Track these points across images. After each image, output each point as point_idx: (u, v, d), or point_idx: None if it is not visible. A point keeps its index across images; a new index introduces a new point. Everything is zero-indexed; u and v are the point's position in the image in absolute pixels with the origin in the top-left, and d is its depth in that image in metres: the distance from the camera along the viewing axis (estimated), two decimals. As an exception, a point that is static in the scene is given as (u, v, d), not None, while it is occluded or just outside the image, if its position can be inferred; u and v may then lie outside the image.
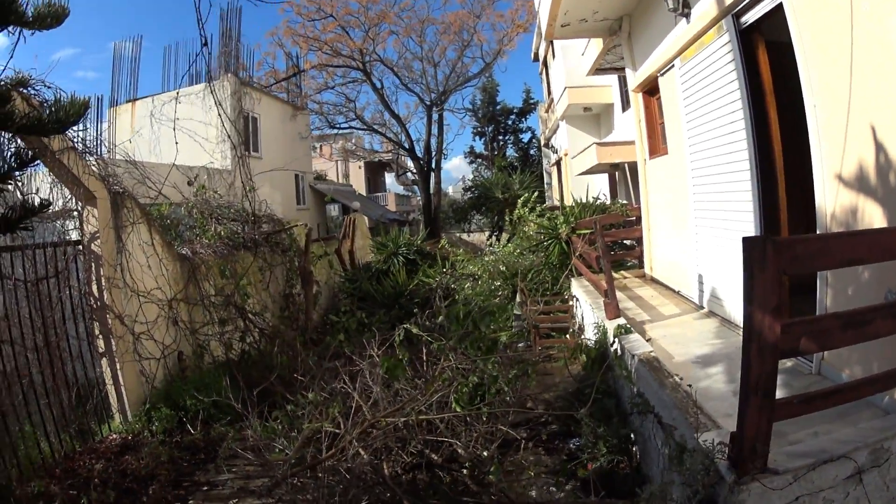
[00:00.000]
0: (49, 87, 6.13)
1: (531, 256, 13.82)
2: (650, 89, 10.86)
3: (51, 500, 6.08)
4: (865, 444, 3.65)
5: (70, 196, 8.19)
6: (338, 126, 39.39)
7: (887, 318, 3.63)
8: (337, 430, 6.20)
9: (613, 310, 8.20)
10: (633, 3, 10.55)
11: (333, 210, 40.73)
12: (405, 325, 7.84)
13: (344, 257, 19.65)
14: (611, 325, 7.86)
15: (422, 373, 7.20)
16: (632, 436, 6.27)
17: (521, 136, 53.24)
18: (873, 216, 4.54)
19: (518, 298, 12.61)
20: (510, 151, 52.84)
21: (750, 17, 6.57)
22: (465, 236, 39.33)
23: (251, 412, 6.84)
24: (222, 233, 12.02)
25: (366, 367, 6.91)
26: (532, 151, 49.94)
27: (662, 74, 9.64)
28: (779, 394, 5.05)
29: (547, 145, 32.58)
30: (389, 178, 63.63)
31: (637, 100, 11.51)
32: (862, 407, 4.39)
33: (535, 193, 16.88)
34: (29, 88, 5.49)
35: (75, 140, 7.74)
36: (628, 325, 7.59)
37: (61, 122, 4.19)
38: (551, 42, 25.35)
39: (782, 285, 5.75)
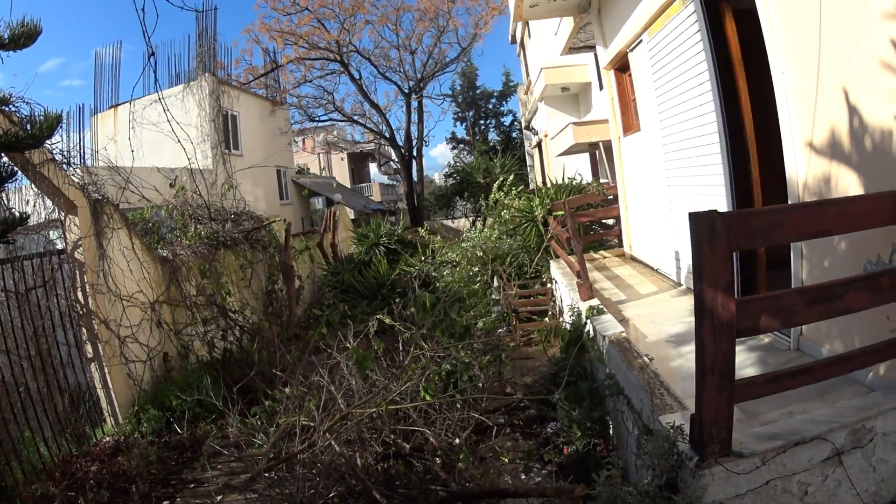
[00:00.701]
0: (27, 103, 6.14)
1: (508, 240, 13.65)
2: (621, 66, 10.68)
3: (51, 501, 6.34)
4: (843, 425, 3.48)
5: (53, 206, 8.33)
6: (317, 119, 39.06)
7: (861, 291, 3.43)
8: (312, 423, 6.17)
9: (586, 291, 8.04)
10: (602, -22, 10.37)
11: (318, 203, 40.40)
12: (378, 316, 7.69)
13: (326, 250, 19.62)
14: (584, 307, 7.71)
15: (398, 362, 7.10)
16: (608, 418, 6.16)
17: (502, 120, 53.40)
18: (848, 184, 4.35)
19: (496, 283, 12.47)
20: (492, 135, 52.98)
21: (714, -16, 6.40)
22: (449, 222, 39.23)
23: (232, 409, 6.98)
24: (202, 233, 12.02)
25: (342, 360, 6.88)
26: (514, 134, 49.86)
27: (632, 50, 9.47)
28: (753, 371, 4.95)
29: (528, 127, 32.45)
30: (374, 168, 63.26)
31: (609, 77, 11.35)
32: (843, 384, 4.22)
33: (511, 176, 16.61)
34: (10, 106, 5.74)
35: (54, 151, 7.85)
36: (601, 306, 7.44)
37: (36, 138, 4.23)
38: (527, 23, 25.14)
39: (757, 262, 5.60)
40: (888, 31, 3.74)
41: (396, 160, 41.79)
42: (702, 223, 3.01)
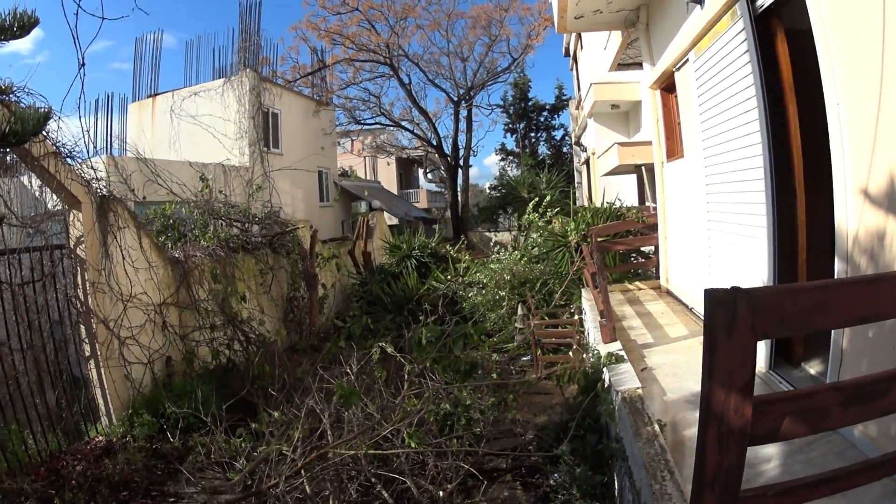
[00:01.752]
0: (30, 94, 6.57)
1: (539, 266, 13.05)
2: (667, 86, 9.99)
3: (27, 497, 6.28)
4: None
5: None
6: (363, 122, 38.79)
7: (910, 386, 2.70)
8: (292, 455, 5.99)
9: (608, 333, 7.37)
10: (652, -9, 9.66)
11: (361, 206, 40.12)
12: (381, 344, 7.26)
13: (358, 259, 19.15)
14: (604, 351, 7.03)
15: (398, 393, 6.85)
16: (615, 481, 5.51)
17: (553, 134, 53.07)
18: (905, 247, 3.63)
19: (520, 311, 11.86)
20: (542, 149, 52.85)
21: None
22: (492, 235, 38.64)
23: (219, 426, 6.90)
24: (221, 235, 11.74)
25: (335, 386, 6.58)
26: (565, 149, 49.50)
27: (678, 69, 8.79)
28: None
29: (577, 143, 31.84)
30: (422, 175, 62.96)
31: (654, 97, 10.67)
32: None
33: (548, 197, 15.89)
34: (10, 96, 6.05)
35: (58, 144, 7.78)
36: (621, 353, 6.78)
37: (17, 135, 3.94)
38: (580, 36, 24.50)
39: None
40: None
41: (443, 168, 41.41)
42: (719, 305, 2.26)
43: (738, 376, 2.27)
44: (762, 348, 5.95)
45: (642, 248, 12.78)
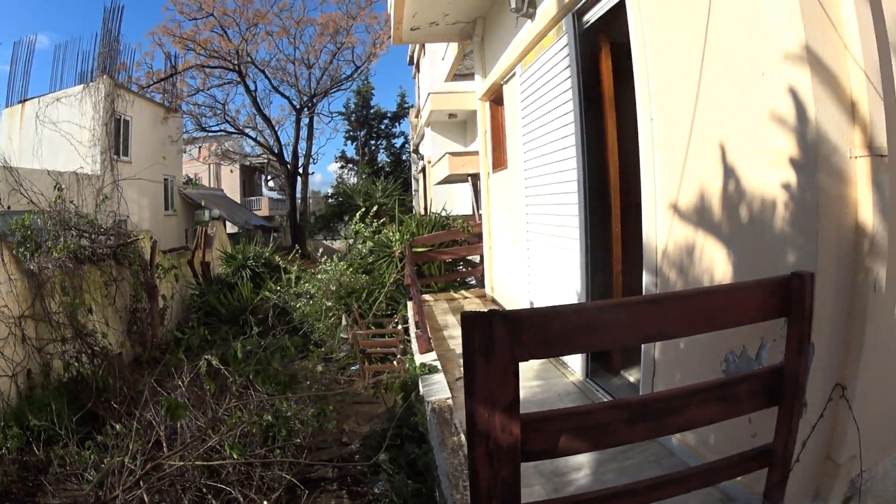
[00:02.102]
0: None
1: (365, 276, 13.01)
2: (496, 98, 10.15)
3: None
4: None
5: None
6: (208, 129, 37.91)
7: (709, 402, 2.63)
8: (133, 467, 6.01)
9: (424, 343, 7.35)
10: (487, 5, 9.70)
11: (204, 215, 39.04)
12: (207, 357, 7.16)
13: (196, 269, 18.73)
14: (419, 361, 7.00)
15: (224, 405, 6.72)
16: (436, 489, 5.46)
17: (393, 142, 53.70)
18: (714, 257, 3.72)
19: (344, 321, 11.73)
20: (382, 157, 53.55)
21: (592, 15, 5.76)
22: (330, 243, 38.33)
23: (73, 438, 7.02)
24: (71, 245, 11.43)
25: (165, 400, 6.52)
26: (404, 157, 50.08)
27: (506, 82, 8.93)
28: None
29: (416, 151, 32.09)
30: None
31: (484, 109, 10.83)
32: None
33: (375, 207, 15.83)
34: None
35: None
36: (435, 363, 6.78)
37: None
38: (423, 46, 24.62)
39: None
40: (788, 75, 3.02)
41: (283, 176, 40.92)
42: (474, 327, 2.20)
43: (500, 396, 2.23)
44: (578, 357, 6.02)
45: (469, 258, 12.90)
